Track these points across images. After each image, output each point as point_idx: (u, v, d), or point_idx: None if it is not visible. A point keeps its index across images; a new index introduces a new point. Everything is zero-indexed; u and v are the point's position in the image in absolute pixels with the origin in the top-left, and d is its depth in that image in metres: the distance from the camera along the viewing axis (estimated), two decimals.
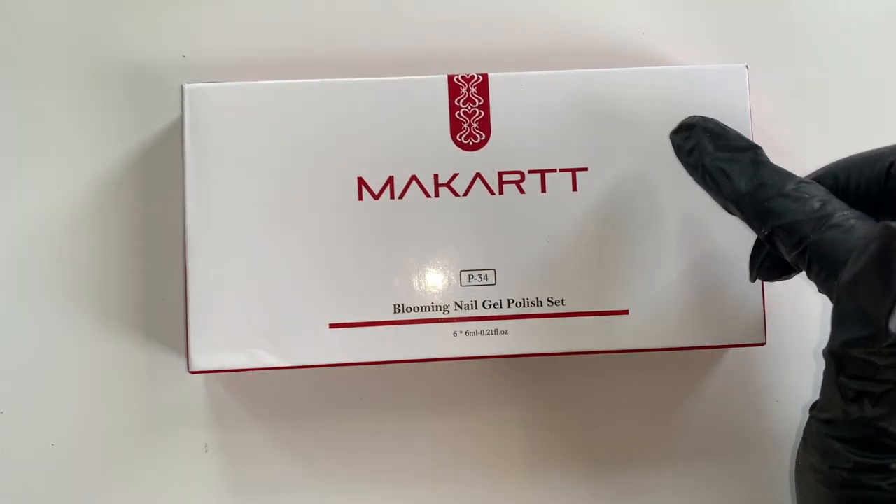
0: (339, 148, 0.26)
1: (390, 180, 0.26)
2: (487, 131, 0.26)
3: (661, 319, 0.25)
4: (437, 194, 0.26)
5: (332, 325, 0.25)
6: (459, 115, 0.26)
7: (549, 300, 0.25)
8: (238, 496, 0.28)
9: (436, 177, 0.26)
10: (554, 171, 0.26)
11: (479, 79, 0.26)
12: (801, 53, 0.30)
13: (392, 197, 0.26)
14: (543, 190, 0.26)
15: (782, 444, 0.29)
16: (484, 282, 0.26)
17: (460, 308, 0.25)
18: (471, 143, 0.26)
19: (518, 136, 0.26)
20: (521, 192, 0.26)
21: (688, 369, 0.29)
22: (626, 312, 0.25)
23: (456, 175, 0.26)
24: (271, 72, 0.29)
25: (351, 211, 0.25)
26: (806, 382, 0.29)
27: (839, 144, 0.23)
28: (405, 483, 0.28)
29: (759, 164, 0.22)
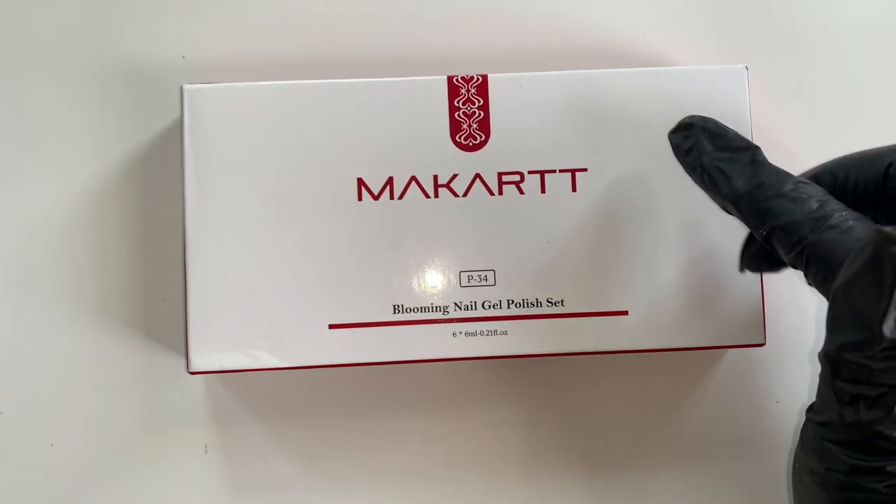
0: (339, 148, 0.26)
1: (390, 181, 0.26)
2: (487, 132, 0.26)
3: (661, 320, 0.25)
4: (436, 195, 0.26)
5: (332, 326, 0.25)
6: (459, 115, 0.26)
7: (548, 301, 0.25)
8: (238, 496, 0.28)
9: (435, 177, 0.26)
10: (553, 171, 0.26)
11: (478, 79, 0.26)
12: (801, 54, 0.30)
13: (391, 198, 0.26)
14: (543, 191, 0.26)
15: (782, 444, 0.29)
16: (483, 282, 0.26)
17: (460, 309, 0.25)
18: (470, 143, 0.26)
19: (518, 137, 0.26)
20: (521, 192, 0.26)
21: (687, 370, 0.29)
22: (625, 313, 0.25)
23: (455, 176, 0.26)
24: (271, 72, 0.29)
25: (350, 211, 0.25)
26: (805, 383, 0.29)
27: (838, 145, 0.23)
28: (404, 483, 0.28)
29: (758, 164, 0.22)
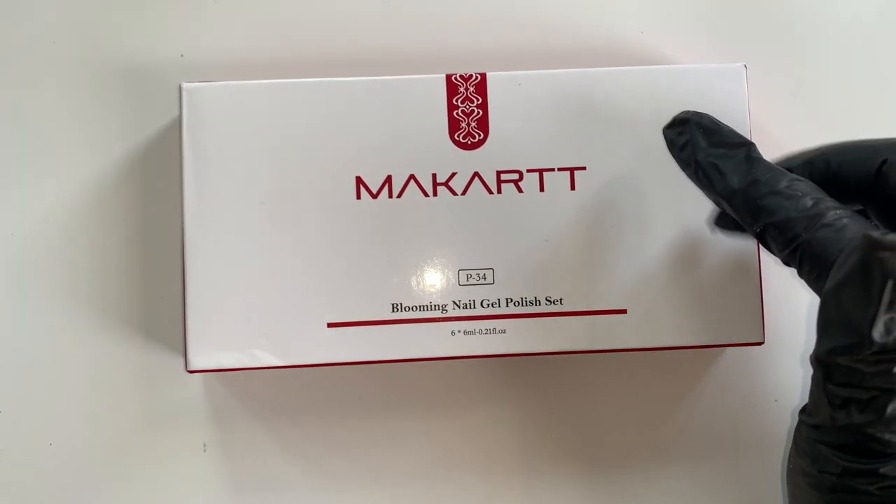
0: (338, 147, 0.26)
1: (388, 179, 0.26)
2: (486, 130, 0.26)
3: (659, 319, 0.25)
4: (435, 193, 0.26)
5: (331, 325, 0.25)
6: (458, 114, 0.26)
7: (547, 299, 0.25)
8: (237, 495, 0.28)
9: (434, 176, 0.26)
10: (552, 170, 0.26)
11: (477, 78, 0.26)
12: (800, 53, 0.30)
13: (390, 196, 0.26)
14: (542, 189, 0.26)
15: (780, 443, 0.29)
16: (482, 281, 0.26)
17: (458, 307, 0.25)
18: (469, 142, 0.26)
19: (516, 136, 0.26)
20: (520, 191, 0.26)
21: (686, 369, 0.29)
22: (624, 312, 0.25)
23: (454, 174, 0.26)
24: (270, 71, 0.29)
25: (349, 210, 0.25)
26: (804, 382, 0.29)
27: None
28: (404, 482, 0.28)
29: (753, 160, 0.22)
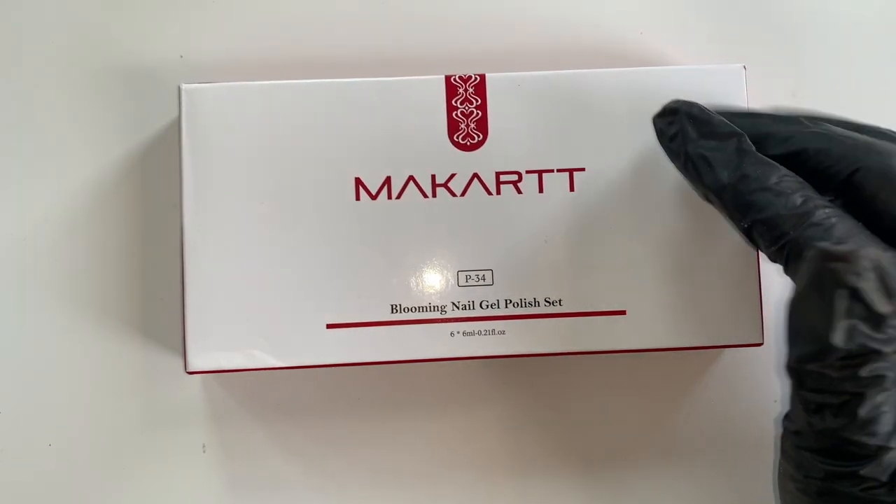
0: (337, 148, 0.26)
1: (387, 180, 0.26)
2: (485, 131, 0.26)
3: (659, 320, 0.25)
4: (434, 195, 0.26)
5: (330, 326, 0.25)
6: (457, 115, 0.26)
7: (546, 300, 0.25)
8: (236, 496, 0.28)
9: (433, 177, 0.26)
10: (551, 171, 0.26)
11: (476, 79, 0.26)
12: (800, 53, 0.30)
13: (389, 197, 0.26)
14: (541, 190, 0.26)
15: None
16: (481, 282, 0.26)
17: (458, 308, 0.25)
18: (468, 143, 0.26)
19: (515, 137, 0.26)
20: (519, 192, 0.26)
21: (685, 369, 0.29)
22: (623, 313, 0.25)
23: (453, 175, 0.26)
24: (269, 72, 0.29)
25: (348, 211, 0.25)
26: None
27: None
28: (403, 483, 0.28)
29: (743, 153, 0.21)
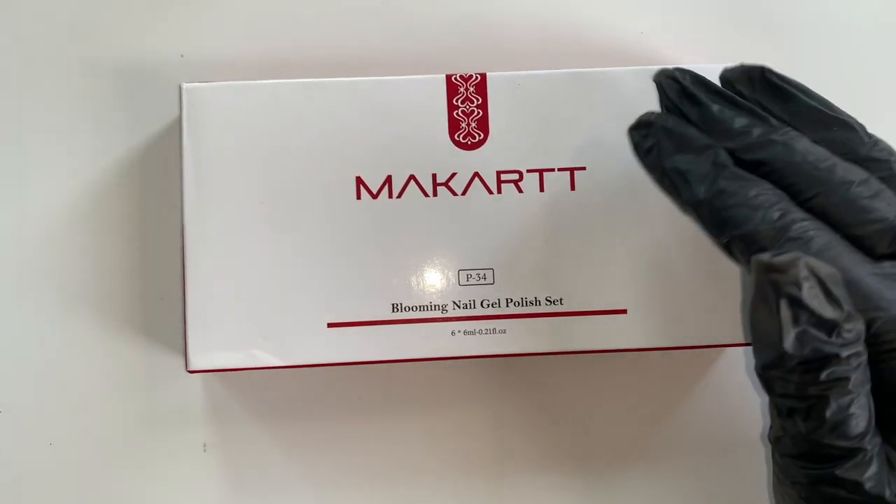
0: (338, 147, 0.26)
1: (388, 180, 0.26)
2: (486, 131, 0.26)
3: (659, 319, 0.25)
4: (435, 194, 0.26)
5: (331, 325, 0.25)
6: (458, 114, 0.26)
7: (547, 299, 0.25)
8: (237, 496, 0.28)
9: (434, 176, 0.26)
10: (552, 170, 0.26)
11: (477, 78, 0.26)
12: (800, 54, 0.30)
13: (390, 196, 0.26)
14: (542, 189, 0.26)
15: None
16: (482, 281, 0.26)
17: (458, 307, 0.25)
18: (469, 142, 0.26)
19: (516, 136, 0.26)
20: (520, 191, 0.26)
21: (686, 369, 0.29)
22: (624, 312, 0.25)
23: (454, 174, 0.26)
24: (269, 71, 0.29)
25: (349, 210, 0.25)
26: None
27: None
28: (404, 482, 0.28)
29: (720, 167, 0.21)
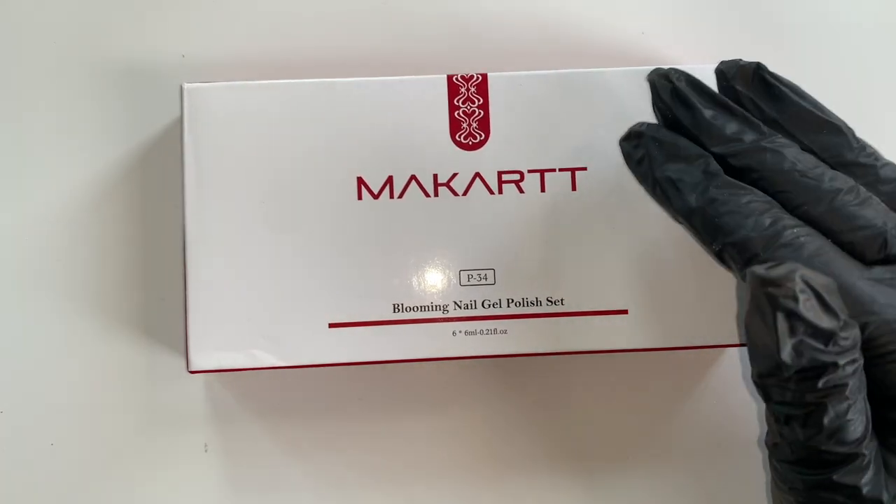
0: (339, 147, 0.26)
1: (389, 180, 0.26)
2: (487, 131, 0.26)
3: (661, 319, 0.25)
4: (436, 194, 0.26)
5: (332, 325, 0.25)
6: (459, 114, 0.26)
7: (548, 300, 0.25)
8: (238, 496, 0.28)
9: (435, 176, 0.26)
10: (553, 170, 0.26)
11: (478, 78, 0.26)
12: (800, 54, 0.30)
13: (391, 197, 0.26)
14: (543, 189, 0.26)
15: None
16: (483, 281, 0.26)
17: (460, 307, 0.25)
18: (470, 142, 0.26)
19: (517, 136, 0.26)
20: (521, 191, 0.26)
21: (687, 369, 0.29)
22: (625, 312, 0.25)
23: (455, 175, 0.26)
24: (271, 71, 0.29)
25: (350, 211, 0.25)
26: None
27: None
28: (405, 483, 0.28)
29: (711, 175, 0.21)
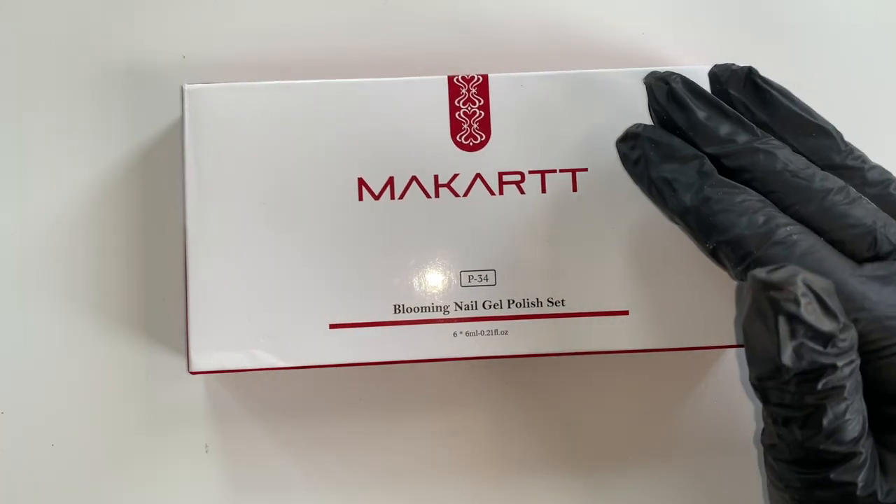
0: (340, 148, 0.26)
1: (390, 181, 0.26)
2: (487, 132, 0.26)
3: (661, 320, 0.25)
4: (437, 195, 0.26)
5: (333, 326, 0.25)
6: (459, 115, 0.26)
7: (549, 300, 0.25)
8: (238, 496, 0.28)
9: (436, 177, 0.26)
10: (554, 171, 0.26)
11: (479, 79, 0.26)
12: (800, 54, 0.30)
13: (392, 197, 0.26)
14: (543, 190, 0.26)
15: None
16: (484, 282, 0.26)
17: (460, 308, 0.25)
18: (471, 143, 0.26)
19: (518, 137, 0.26)
20: (522, 192, 0.26)
21: (687, 369, 0.29)
22: (625, 313, 0.25)
23: (456, 176, 0.26)
24: (271, 72, 0.29)
25: (351, 211, 0.25)
26: None
27: None
28: (405, 483, 0.28)
29: (705, 175, 0.22)
